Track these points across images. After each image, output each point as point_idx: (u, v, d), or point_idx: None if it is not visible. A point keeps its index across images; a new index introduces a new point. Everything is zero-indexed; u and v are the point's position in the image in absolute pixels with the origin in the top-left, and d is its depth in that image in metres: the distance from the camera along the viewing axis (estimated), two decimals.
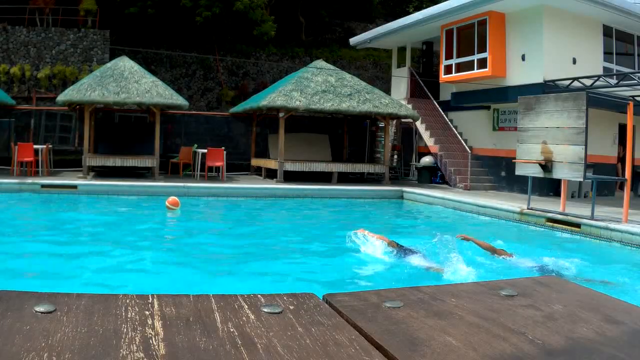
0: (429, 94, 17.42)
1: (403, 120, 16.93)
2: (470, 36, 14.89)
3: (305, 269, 6.40)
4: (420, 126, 16.89)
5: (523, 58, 13.83)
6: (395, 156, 17.71)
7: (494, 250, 6.62)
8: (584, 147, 8.85)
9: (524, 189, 12.36)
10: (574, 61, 13.57)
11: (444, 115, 16.77)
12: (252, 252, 7.32)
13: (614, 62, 14.43)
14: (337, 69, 16.34)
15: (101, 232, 8.24)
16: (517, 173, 10.46)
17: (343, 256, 6.94)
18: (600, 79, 11.98)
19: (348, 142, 18.02)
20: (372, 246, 6.70)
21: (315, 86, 14.66)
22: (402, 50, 18.98)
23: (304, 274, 6.17)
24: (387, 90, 18.75)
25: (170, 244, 7.80)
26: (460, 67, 15.26)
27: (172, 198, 10.10)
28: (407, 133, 18.06)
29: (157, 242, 7.74)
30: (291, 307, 1.13)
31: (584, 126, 8.85)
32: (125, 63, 14.21)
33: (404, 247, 6.64)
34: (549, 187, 13.35)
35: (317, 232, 8.65)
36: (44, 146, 14.02)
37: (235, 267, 6.39)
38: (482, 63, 14.47)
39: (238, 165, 16.70)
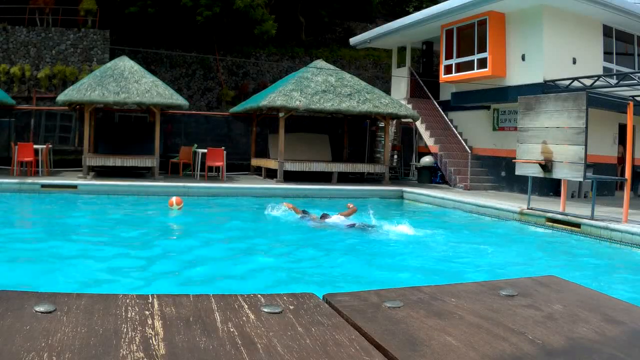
0: (429, 94, 17.41)
1: (403, 120, 16.93)
2: (470, 36, 14.89)
3: (302, 268, 6.40)
4: (420, 126, 16.89)
5: (523, 58, 13.83)
6: (395, 156, 17.70)
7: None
8: (584, 147, 8.85)
9: (524, 189, 12.36)
10: (574, 61, 13.57)
11: (444, 115, 16.76)
12: (252, 251, 7.32)
13: (614, 62, 14.43)
14: (337, 69, 16.33)
15: (101, 231, 8.24)
16: (517, 173, 10.46)
17: (340, 253, 6.96)
18: (600, 79, 11.98)
19: (348, 142, 18.01)
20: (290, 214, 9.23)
21: (315, 86, 14.65)
22: (402, 50, 18.97)
23: (302, 272, 6.17)
24: (387, 90, 18.75)
25: (170, 244, 7.79)
26: (460, 67, 15.26)
27: (171, 199, 10.13)
28: (407, 133, 18.06)
29: (156, 242, 7.73)
30: (291, 307, 1.13)
31: (584, 126, 8.85)
32: (125, 63, 14.20)
33: (307, 212, 9.19)
34: (549, 187, 13.34)
35: (315, 231, 8.65)
36: (44, 146, 14.02)
37: (235, 266, 6.39)
38: (482, 63, 14.46)
39: (238, 165, 16.69)
